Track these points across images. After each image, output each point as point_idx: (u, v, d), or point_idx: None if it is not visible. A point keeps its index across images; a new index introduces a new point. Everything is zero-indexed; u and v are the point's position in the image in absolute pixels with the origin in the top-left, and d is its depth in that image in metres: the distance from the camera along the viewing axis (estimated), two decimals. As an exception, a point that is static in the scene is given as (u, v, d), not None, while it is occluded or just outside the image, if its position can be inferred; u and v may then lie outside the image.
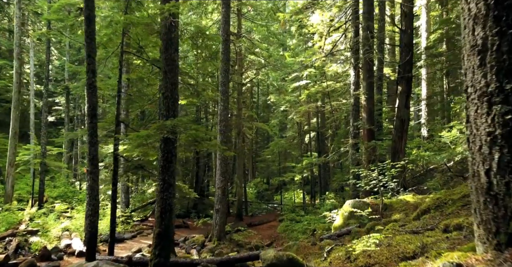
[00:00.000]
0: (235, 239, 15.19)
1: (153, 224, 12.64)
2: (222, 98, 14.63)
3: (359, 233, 7.11)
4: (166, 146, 6.96)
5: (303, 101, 24.43)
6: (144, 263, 8.02)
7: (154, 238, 6.75)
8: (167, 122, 6.55)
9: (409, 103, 12.64)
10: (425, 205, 5.85)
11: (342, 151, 14.33)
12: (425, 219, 5.09)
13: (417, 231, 4.14)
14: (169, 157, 7.00)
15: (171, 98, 7.11)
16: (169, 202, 6.91)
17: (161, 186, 6.94)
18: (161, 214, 6.82)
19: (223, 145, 14.61)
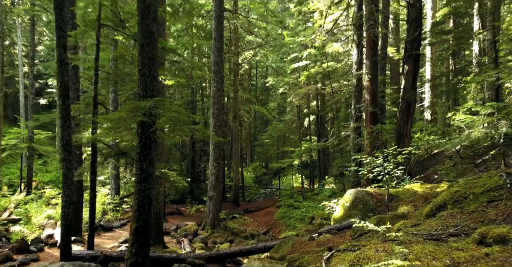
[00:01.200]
0: (230, 227, 14.54)
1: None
2: (215, 78, 13.68)
3: (363, 229, 6.33)
4: (143, 130, 6.10)
5: (303, 83, 23.41)
6: (122, 258, 7.28)
7: (131, 234, 5.98)
8: (142, 103, 5.67)
9: (416, 83, 11.70)
10: (440, 198, 5.04)
11: (342, 136, 13.49)
12: (443, 218, 4.28)
13: (439, 237, 3.33)
14: (147, 143, 6.16)
15: (149, 76, 6.20)
16: (148, 194, 6.11)
17: (138, 176, 6.13)
18: (139, 208, 6.03)
19: (217, 130, 13.78)
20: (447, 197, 4.93)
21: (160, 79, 10.26)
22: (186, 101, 25.99)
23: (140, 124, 6.10)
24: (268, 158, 34.58)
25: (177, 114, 6.01)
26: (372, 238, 5.27)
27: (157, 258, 7.60)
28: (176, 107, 6.18)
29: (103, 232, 12.78)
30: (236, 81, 20.74)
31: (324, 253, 5.44)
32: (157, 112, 5.66)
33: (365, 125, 12.02)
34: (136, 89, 6.33)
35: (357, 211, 7.68)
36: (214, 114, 13.70)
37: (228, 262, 7.83)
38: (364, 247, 3.71)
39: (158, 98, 5.81)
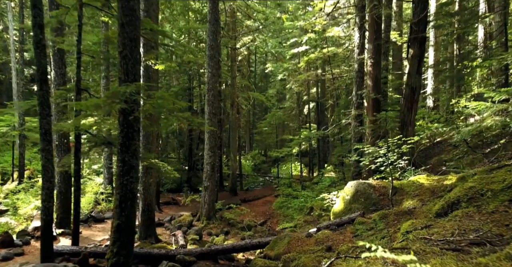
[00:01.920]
0: (226, 218, 14.11)
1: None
2: (210, 63, 13.04)
3: (365, 225, 5.85)
4: (125, 119, 5.53)
5: (302, 69, 22.72)
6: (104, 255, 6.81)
7: (112, 232, 5.48)
8: (121, 88, 5.09)
9: (422, 68, 11.08)
10: (452, 195, 4.51)
11: (343, 124, 12.92)
12: (458, 219, 3.76)
13: (458, 247, 2.81)
14: (130, 132, 5.60)
15: (131, 59, 5.60)
16: (130, 188, 5.58)
17: (120, 169, 5.59)
18: (121, 203, 5.52)
19: (213, 117, 13.21)
20: (460, 194, 4.41)
21: (150, 63, 9.65)
22: (183, 88, 25.32)
23: (121, 111, 5.53)
24: (267, 146, 34.09)
25: (161, 100, 5.44)
26: (376, 238, 4.77)
27: (145, 255, 7.16)
28: (160, 93, 5.60)
29: (94, 224, 12.35)
30: (234, 66, 20.05)
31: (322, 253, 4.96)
32: (138, 98, 5.09)
33: (366, 112, 11.44)
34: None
35: (358, 204, 7.19)
36: (209, 101, 13.11)
37: (221, 258, 7.38)
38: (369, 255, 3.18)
39: (139, 83, 5.22)
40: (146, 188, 10.23)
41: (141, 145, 10.25)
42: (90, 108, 5.13)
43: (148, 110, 5.72)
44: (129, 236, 5.58)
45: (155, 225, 12.47)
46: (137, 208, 11.25)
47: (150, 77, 10.19)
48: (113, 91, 5.00)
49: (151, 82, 10.22)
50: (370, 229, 5.62)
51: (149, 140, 10.19)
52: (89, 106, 5.08)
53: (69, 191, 11.08)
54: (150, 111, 5.61)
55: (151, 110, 5.47)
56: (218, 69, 14.16)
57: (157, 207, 15.50)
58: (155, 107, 5.33)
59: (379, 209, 6.80)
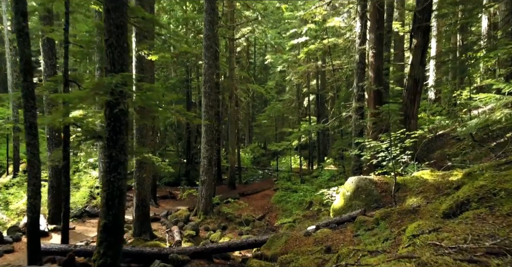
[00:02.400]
0: (224, 212, 13.85)
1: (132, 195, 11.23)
2: (206, 54, 12.64)
3: (366, 224, 5.54)
4: (112, 112, 5.19)
5: (302, 60, 22.26)
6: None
7: (99, 232, 5.18)
8: (106, 79, 4.74)
9: (425, 59, 10.71)
10: (461, 194, 4.19)
11: (343, 116, 12.57)
12: (470, 222, 3.45)
13: (474, 258, 2.49)
14: (117, 126, 5.26)
15: (117, 47, 5.24)
16: (118, 185, 5.26)
17: (107, 165, 5.26)
18: (108, 201, 5.20)
19: (210, 110, 12.86)
20: (470, 193, 4.08)
21: (143, 54, 9.27)
22: (181, 80, 24.90)
23: (107, 104, 5.18)
24: (267, 139, 33.78)
25: (151, 92, 5.09)
26: (379, 239, 4.46)
27: (137, 253, 6.88)
28: (148, 85, 5.24)
29: (89, 219, 12.08)
30: (232, 58, 19.61)
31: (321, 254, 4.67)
32: (123, 89, 4.74)
33: (368, 105, 11.09)
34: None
35: (359, 201, 6.88)
36: (205, 93, 12.73)
37: (216, 257, 7.10)
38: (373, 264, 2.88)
39: (126, 73, 4.86)
40: (140, 183, 9.92)
41: (135, 139, 9.94)
42: (72, 100, 4.79)
43: (136, 103, 5.37)
44: (117, 236, 5.28)
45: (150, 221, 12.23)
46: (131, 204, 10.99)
47: (144, 68, 9.81)
48: (97, 82, 4.65)
49: (144, 73, 9.86)
50: (371, 229, 5.32)
51: (143, 134, 9.85)
52: (72, 98, 4.73)
53: (61, 185, 10.74)
54: (138, 103, 5.26)
55: (140, 103, 5.12)
56: (215, 60, 13.77)
57: (154, 202, 15.24)
58: (143, 100, 4.98)
59: (381, 206, 6.51)
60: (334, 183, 14.87)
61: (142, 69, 9.75)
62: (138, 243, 7.78)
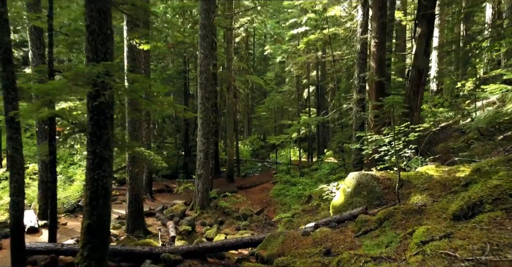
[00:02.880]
0: (222, 206, 13.56)
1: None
2: (202, 44, 12.19)
3: (368, 223, 5.20)
4: (95, 105, 4.81)
5: (302, 51, 21.76)
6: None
7: (82, 233, 4.84)
8: (86, 68, 4.34)
9: (430, 48, 10.28)
10: (473, 194, 3.84)
11: (344, 109, 12.18)
12: (485, 227, 3.10)
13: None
14: (101, 120, 4.88)
15: (100, 34, 4.83)
16: (103, 183, 4.91)
17: (90, 162, 4.90)
18: (92, 201, 4.85)
19: (206, 102, 12.46)
20: (483, 193, 3.73)
21: (134, 43, 8.85)
22: (178, 71, 24.42)
23: (90, 96, 4.80)
24: (266, 131, 33.41)
25: (137, 83, 4.70)
26: (382, 242, 4.12)
27: (127, 252, 6.56)
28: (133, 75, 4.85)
29: (82, 214, 11.74)
30: (230, 48, 19.12)
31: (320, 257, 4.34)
32: (105, 80, 4.34)
33: (369, 96, 10.70)
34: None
35: (360, 198, 6.54)
36: (201, 85, 12.32)
37: (210, 256, 6.78)
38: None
39: (109, 62, 4.47)
40: (133, 177, 9.58)
41: (127, 133, 9.57)
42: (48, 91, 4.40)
43: (122, 94, 4.99)
44: (102, 237, 4.94)
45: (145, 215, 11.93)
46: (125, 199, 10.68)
47: (135, 58, 9.40)
48: (75, 71, 4.26)
49: (136, 63, 9.45)
50: (374, 229, 4.98)
51: (136, 127, 9.47)
52: (47, 90, 4.34)
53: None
54: (124, 95, 4.87)
55: (125, 94, 4.74)
56: (211, 50, 13.33)
57: (150, 195, 14.95)
58: (127, 91, 4.60)
59: (384, 204, 6.17)
60: (334, 177, 14.56)
61: (134, 59, 9.34)
62: (129, 241, 7.47)
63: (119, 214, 11.92)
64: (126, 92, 4.67)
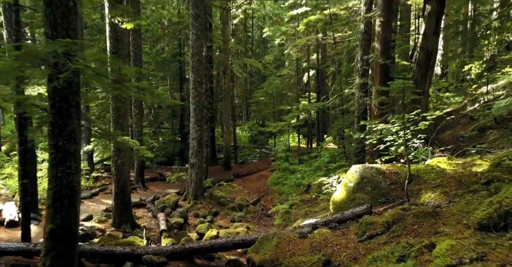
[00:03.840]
0: (217, 196, 12.98)
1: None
2: (194, 24, 11.34)
3: (374, 227, 4.56)
4: (57, 90, 4.09)
5: (302, 32, 20.81)
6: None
7: (45, 239, 4.20)
8: (40, 47, 3.62)
9: (440, 28, 9.47)
10: (506, 200, 3.17)
11: (346, 94, 11.42)
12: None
13: None
14: (64, 108, 4.17)
15: (60, 7, 4.06)
16: (67, 181, 4.23)
17: (53, 157, 4.21)
18: (55, 202, 4.19)
19: (198, 86, 11.71)
20: (518, 198, 3.05)
21: (117, 21, 8.03)
22: (173, 54, 23.49)
23: (50, 80, 4.07)
24: (265, 117, 32.68)
25: (101, 64, 3.98)
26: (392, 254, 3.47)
27: (106, 254, 5.96)
28: (99, 55, 4.12)
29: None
30: (226, 30, 18.18)
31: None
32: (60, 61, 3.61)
33: (373, 81, 9.95)
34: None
35: (364, 194, 5.89)
36: (193, 68, 11.53)
37: (198, 257, 6.19)
38: None
39: (72, 39, 3.72)
40: (118, 168, 8.92)
41: (111, 120, 8.86)
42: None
43: (89, 78, 4.26)
44: (69, 243, 4.30)
45: (136, 207, 11.38)
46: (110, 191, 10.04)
47: (119, 39, 8.59)
48: (25, 50, 3.53)
49: (120, 44, 8.64)
50: (380, 234, 4.35)
51: (120, 114, 8.75)
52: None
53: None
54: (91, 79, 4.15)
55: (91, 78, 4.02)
56: (204, 31, 12.48)
57: (142, 185, 14.36)
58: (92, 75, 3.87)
59: (390, 201, 5.52)
60: (334, 165, 13.93)
61: (117, 40, 8.54)
62: (110, 240, 6.86)
63: (108, 205, 11.32)
64: (91, 76, 3.94)
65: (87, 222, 9.38)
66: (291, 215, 10.54)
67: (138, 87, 4.50)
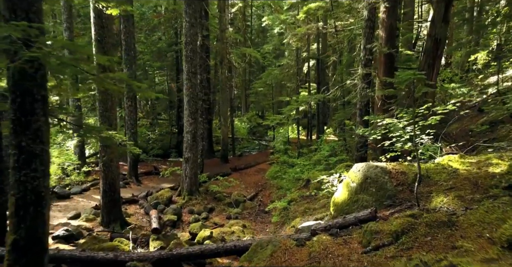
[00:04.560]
0: (213, 191, 12.52)
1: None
2: (187, 11, 10.71)
3: (380, 236, 4.06)
4: (18, 83, 3.56)
5: (302, 21, 20.09)
6: None
7: (7, 252, 3.71)
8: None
9: (450, 15, 8.86)
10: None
11: (347, 85, 10.85)
12: None
13: None
14: (28, 103, 3.65)
15: (19, -16, 3.52)
16: (33, 187, 3.72)
17: (15, 159, 3.70)
18: (18, 210, 3.69)
19: (192, 77, 11.13)
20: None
21: (101, 7, 7.43)
22: (169, 43, 22.81)
23: (12, 71, 3.54)
24: (264, 108, 32.06)
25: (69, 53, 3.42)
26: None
27: (87, 260, 5.49)
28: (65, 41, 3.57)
29: (57, 201, 10.71)
30: (223, 18, 17.49)
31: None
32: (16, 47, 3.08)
33: (377, 71, 9.37)
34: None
35: (367, 196, 5.39)
36: (187, 57, 10.95)
37: (187, 263, 5.72)
38: None
39: (25, 22, 3.17)
40: (106, 164, 8.42)
41: (98, 113, 8.33)
42: None
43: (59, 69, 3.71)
44: (36, 256, 3.81)
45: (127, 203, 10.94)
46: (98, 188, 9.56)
47: (104, 26, 8.00)
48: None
49: (106, 32, 8.05)
50: (388, 244, 3.85)
51: (107, 107, 8.20)
52: None
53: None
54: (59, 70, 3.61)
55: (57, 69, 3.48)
56: (199, 19, 11.86)
57: (135, 179, 13.89)
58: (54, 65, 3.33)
59: (397, 204, 5.02)
60: (334, 159, 13.43)
61: (102, 27, 7.95)
62: (93, 243, 6.39)
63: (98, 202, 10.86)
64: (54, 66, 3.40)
65: (74, 220, 8.92)
66: (290, 212, 10.08)
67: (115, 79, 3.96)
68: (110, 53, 8.10)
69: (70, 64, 3.39)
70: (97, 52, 7.94)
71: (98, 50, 7.95)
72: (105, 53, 7.86)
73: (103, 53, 7.90)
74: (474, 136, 8.19)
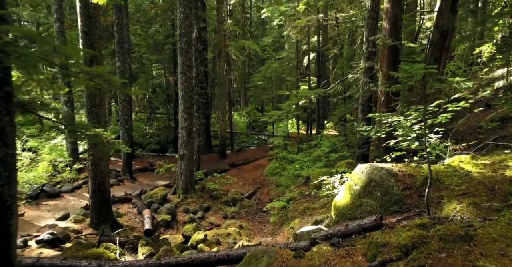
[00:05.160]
0: (209, 188, 12.15)
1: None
2: (181, 1, 10.21)
3: (387, 250, 3.64)
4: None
5: (302, 12, 19.52)
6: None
7: (-32, 269, 3.32)
8: None
9: (458, 5, 8.36)
10: None
11: (349, 79, 10.38)
12: None
13: None
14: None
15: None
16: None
17: (-25, 164, 3.28)
18: (-20, 222, 3.27)
19: (187, 70, 10.66)
20: None
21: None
22: (166, 35, 22.26)
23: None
24: (264, 102, 31.57)
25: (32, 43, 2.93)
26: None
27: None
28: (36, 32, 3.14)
29: (46, 200, 10.31)
30: (221, 9, 16.96)
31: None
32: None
33: (380, 65, 8.90)
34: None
35: (372, 200, 4.97)
36: (182, 50, 10.48)
37: (177, 271, 5.31)
38: None
39: None
40: (95, 163, 8.00)
41: (85, 109, 7.88)
42: None
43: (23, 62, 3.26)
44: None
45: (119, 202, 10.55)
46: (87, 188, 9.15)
47: (91, 16, 7.52)
48: None
49: (93, 22, 7.57)
50: (397, 260, 3.44)
51: (96, 102, 7.75)
52: None
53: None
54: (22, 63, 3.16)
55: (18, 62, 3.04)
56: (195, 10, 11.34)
57: (129, 176, 13.49)
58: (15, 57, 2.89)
59: (404, 211, 4.60)
60: (334, 156, 13.01)
61: (89, 17, 7.48)
62: (77, 250, 5.98)
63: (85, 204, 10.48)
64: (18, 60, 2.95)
65: (62, 221, 8.53)
66: (289, 211, 9.70)
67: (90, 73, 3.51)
68: (98, 45, 7.64)
69: (36, 57, 2.94)
70: (83, 44, 7.49)
71: (85, 42, 7.50)
72: (92, 45, 7.41)
73: (90, 45, 7.44)
74: (482, 133, 7.76)
